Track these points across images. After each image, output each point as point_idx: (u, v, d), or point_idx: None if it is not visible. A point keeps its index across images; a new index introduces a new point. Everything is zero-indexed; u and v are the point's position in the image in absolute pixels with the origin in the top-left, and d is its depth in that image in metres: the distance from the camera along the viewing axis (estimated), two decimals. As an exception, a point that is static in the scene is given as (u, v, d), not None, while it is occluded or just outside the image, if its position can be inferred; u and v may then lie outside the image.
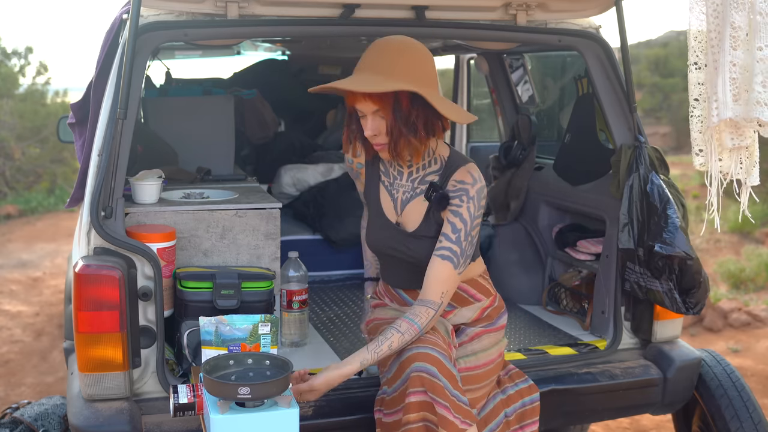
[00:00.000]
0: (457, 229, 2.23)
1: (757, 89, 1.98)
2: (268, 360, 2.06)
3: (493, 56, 4.20)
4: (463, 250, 2.23)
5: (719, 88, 2.00)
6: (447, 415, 2.08)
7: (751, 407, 2.82)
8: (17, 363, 5.07)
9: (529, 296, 3.58)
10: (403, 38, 2.26)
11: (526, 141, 3.77)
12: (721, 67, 2.01)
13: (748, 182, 2.14)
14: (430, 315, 2.20)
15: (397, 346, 2.17)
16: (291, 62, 5.54)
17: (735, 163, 2.12)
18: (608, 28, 4.48)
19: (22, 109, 11.95)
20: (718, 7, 2.03)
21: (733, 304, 5.87)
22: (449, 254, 2.22)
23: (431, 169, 2.34)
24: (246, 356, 2.08)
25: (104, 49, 2.73)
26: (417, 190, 2.35)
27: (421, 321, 2.19)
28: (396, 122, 2.17)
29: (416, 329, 2.18)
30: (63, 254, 7.97)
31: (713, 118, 2.03)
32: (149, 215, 2.62)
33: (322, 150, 4.73)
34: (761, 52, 1.98)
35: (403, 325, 2.18)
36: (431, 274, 2.23)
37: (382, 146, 2.25)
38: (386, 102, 2.16)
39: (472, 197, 2.24)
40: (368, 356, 2.15)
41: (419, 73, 2.18)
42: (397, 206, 2.38)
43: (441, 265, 2.22)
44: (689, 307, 2.69)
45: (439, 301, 2.21)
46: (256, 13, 2.59)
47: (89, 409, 2.33)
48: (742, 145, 2.08)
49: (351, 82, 2.17)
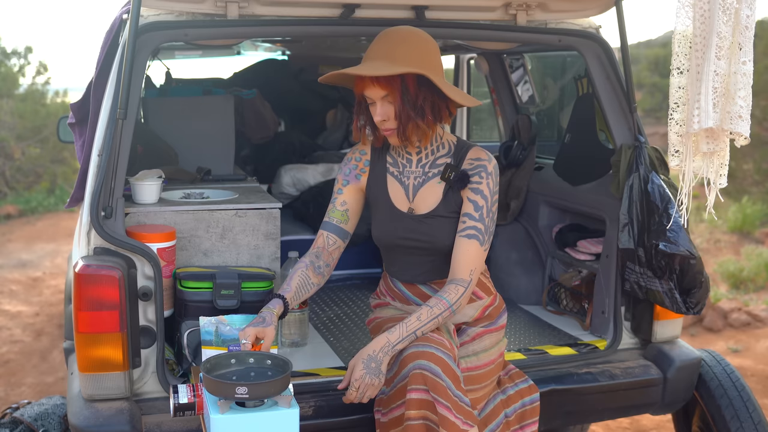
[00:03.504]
0: (480, 207, 2.29)
1: (739, 103, 2.03)
2: (270, 360, 2.06)
3: (493, 56, 4.20)
4: (487, 227, 2.30)
5: (702, 96, 2.04)
6: (448, 416, 2.08)
7: (751, 407, 2.82)
8: (17, 363, 5.07)
9: (529, 296, 3.58)
10: (409, 27, 2.31)
11: (526, 141, 3.77)
12: (705, 75, 2.04)
13: (717, 183, 2.19)
14: (459, 292, 2.24)
15: (426, 318, 2.20)
16: (291, 62, 5.54)
17: (707, 165, 2.19)
18: (608, 28, 4.49)
19: (22, 109, 11.95)
20: (705, 14, 2.05)
21: (733, 304, 5.87)
22: (474, 232, 2.27)
23: (440, 153, 2.39)
24: (247, 355, 2.08)
25: (104, 49, 2.73)
26: (429, 174, 2.38)
27: (450, 297, 2.23)
28: (404, 106, 2.22)
29: (445, 303, 2.22)
30: (63, 254, 7.97)
31: (694, 125, 2.07)
32: (149, 215, 2.62)
33: (322, 150, 4.73)
34: (745, 66, 2.03)
35: (432, 301, 2.23)
36: (458, 254, 2.28)
37: (391, 131, 2.28)
38: (394, 87, 2.21)
39: (491, 173, 2.32)
40: (397, 330, 2.18)
41: (425, 58, 2.23)
42: (409, 193, 2.40)
43: (468, 243, 2.27)
44: (690, 307, 2.70)
45: (468, 279, 2.26)
46: (256, 13, 2.59)
47: (89, 409, 2.33)
48: (716, 150, 2.13)
49: (359, 68, 2.21)
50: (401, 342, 2.18)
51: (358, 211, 2.48)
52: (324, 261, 2.41)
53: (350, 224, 2.45)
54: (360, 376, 2.14)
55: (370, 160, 2.45)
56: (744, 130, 2.06)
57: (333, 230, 2.42)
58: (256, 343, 2.14)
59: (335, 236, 2.42)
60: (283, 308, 2.26)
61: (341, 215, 2.43)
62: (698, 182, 2.22)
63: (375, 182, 2.44)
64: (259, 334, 2.13)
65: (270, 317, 2.19)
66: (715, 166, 2.18)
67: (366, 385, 2.14)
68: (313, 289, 2.38)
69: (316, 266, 2.39)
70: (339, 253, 2.45)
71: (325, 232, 2.43)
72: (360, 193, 2.46)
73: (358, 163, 2.47)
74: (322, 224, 2.45)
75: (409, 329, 2.19)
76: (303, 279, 2.35)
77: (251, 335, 2.11)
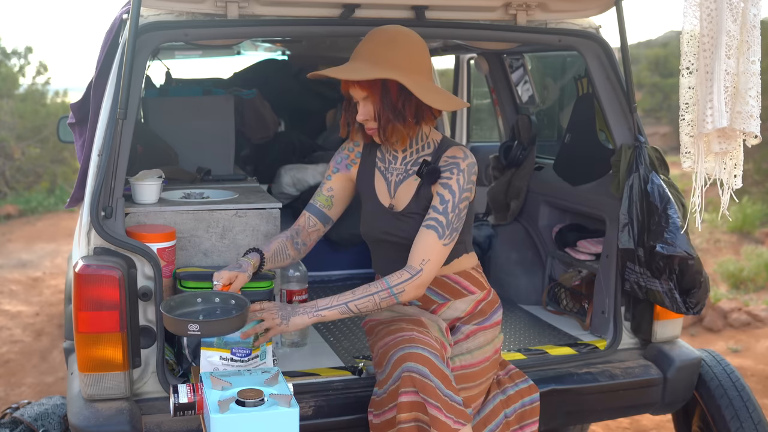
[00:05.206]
0: (445, 201, 2.27)
1: (750, 102, 2.03)
2: (234, 300, 2.15)
3: (493, 56, 4.20)
4: (450, 222, 2.26)
5: (714, 95, 2.04)
6: (439, 416, 2.08)
7: (751, 407, 2.82)
8: (17, 363, 5.07)
9: (529, 296, 3.58)
10: (397, 28, 2.31)
11: (526, 141, 3.77)
12: (716, 74, 2.04)
13: (731, 184, 2.19)
14: (403, 277, 2.23)
15: (360, 293, 2.22)
16: (291, 62, 5.54)
17: (719, 165, 2.18)
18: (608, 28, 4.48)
19: (22, 109, 11.95)
20: (712, 12, 2.05)
21: (733, 304, 5.87)
22: (434, 224, 2.26)
23: (424, 152, 2.40)
24: (214, 295, 2.17)
25: (104, 49, 2.73)
26: (409, 171, 2.40)
27: (391, 280, 2.23)
28: (383, 109, 2.25)
29: (384, 284, 2.22)
30: (63, 254, 7.97)
31: (707, 125, 2.07)
32: (149, 215, 2.62)
33: (322, 150, 4.73)
34: (754, 65, 2.03)
35: (374, 282, 2.26)
36: (415, 243, 2.28)
37: (372, 131, 2.31)
38: (374, 89, 2.23)
39: (462, 170, 2.29)
40: (329, 298, 2.22)
41: (408, 61, 2.23)
42: (391, 188, 2.42)
43: (425, 233, 2.26)
44: (689, 307, 2.70)
45: (418, 267, 2.23)
46: (256, 13, 2.59)
47: (89, 409, 2.33)
48: (729, 150, 2.13)
49: (340, 70, 2.25)
50: (328, 310, 2.20)
51: (344, 200, 2.52)
52: (302, 239, 2.48)
53: (333, 211, 2.51)
54: (270, 306, 2.20)
55: (362, 152, 2.49)
56: (756, 129, 2.06)
57: (315, 212, 2.49)
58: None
59: (316, 219, 2.49)
60: (260, 263, 2.34)
61: (325, 200, 2.49)
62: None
63: (364, 176, 2.47)
64: (232, 277, 2.21)
65: (246, 265, 2.28)
66: (728, 166, 2.18)
67: (269, 316, 2.18)
68: (288, 260, 2.45)
69: (295, 241, 2.47)
70: (317, 237, 2.52)
71: (307, 213, 2.50)
72: (349, 182, 2.50)
73: (350, 154, 2.50)
74: (306, 206, 2.52)
75: (340, 300, 2.21)
76: (281, 246, 2.43)
77: (224, 277, 2.19)
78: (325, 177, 2.52)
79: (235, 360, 2.19)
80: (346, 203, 2.54)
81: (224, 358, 2.18)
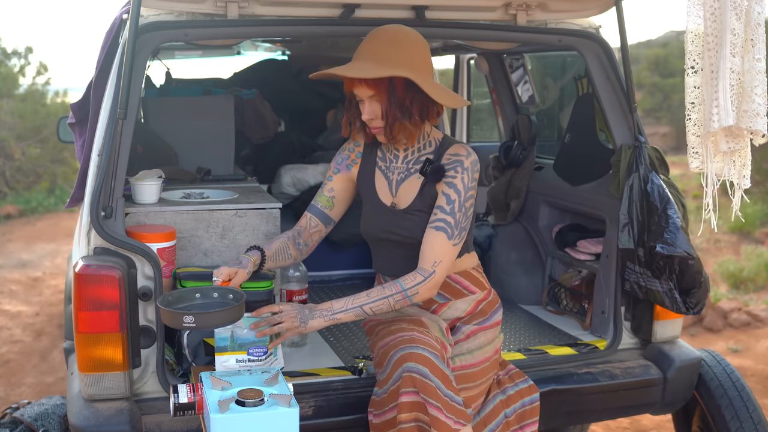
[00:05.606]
0: (452, 201, 2.28)
1: (757, 101, 2.03)
2: (231, 294, 2.16)
3: (493, 56, 4.20)
4: (458, 222, 2.27)
5: (720, 94, 2.03)
6: (439, 416, 2.08)
7: (751, 407, 2.82)
8: (17, 363, 5.07)
9: (529, 296, 3.58)
10: (399, 27, 2.32)
11: (526, 141, 3.77)
12: (722, 73, 2.03)
13: (741, 184, 2.18)
14: (417, 279, 2.23)
15: (375, 296, 2.23)
16: (291, 62, 5.54)
17: (728, 165, 2.17)
18: (608, 28, 4.49)
19: (22, 109, 11.95)
20: (716, 11, 2.05)
21: (733, 304, 5.87)
22: (443, 225, 2.26)
23: (426, 151, 2.40)
24: (212, 290, 2.18)
25: (104, 49, 2.73)
26: (411, 170, 2.40)
27: (405, 282, 2.23)
28: (391, 107, 2.25)
29: (398, 287, 2.23)
30: (63, 254, 7.97)
31: (713, 124, 2.06)
32: (149, 215, 2.62)
33: (322, 150, 4.73)
34: (759, 63, 2.03)
35: (387, 283, 2.25)
36: (425, 245, 2.28)
37: (378, 129, 2.31)
38: (381, 88, 2.24)
39: (467, 168, 2.30)
40: (344, 300, 2.23)
41: (413, 59, 2.24)
42: (392, 187, 2.42)
43: (434, 235, 2.26)
44: (689, 307, 2.69)
45: (430, 269, 2.24)
46: (256, 13, 2.59)
47: (89, 409, 2.33)
48: (737, 149, 2.12)
49: (348, 69, 2.24)
50: (343, 312, 2.21)
51: (345, 200, 2.53)
52: (304, 240, 2.48)
53: (335, 211, 2.51)
54: (289, 309, 2.21)
55: (363, 152, 2.49)
56: (763, 128, 2.06)
57: (316, 213, 2.49)
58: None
59: (317, 219, 2.49)
60: (260, 260, 2.34)
61: (327, 201, 2.50)
62: (698, 182, 2.22)
63: (364, 175, 2.48)
64: (231, 273, 2.21)
65: (246, 261, 2.28)
66: (737, 166, 2.17)
67: (288, 318, 2.19)
68: (290, 260, 2.45)
69: (297, 241, 2.47)
70: (319, 237, 2.52)
71: (309, 213, 2.51)
72: (350, 182, 2.51)
73: (351, 154, 2.51)
74: (308, 207, 2.53)
75: (354, 302, 2.22)
76: (283, 246, 2.43)
77: (224, 273, 2.20)
78: (327, 178, 2.52)
79: (253, 360, 2.20)
80: (347, 204, 2.54)
81: (241, 360, 2.18)
